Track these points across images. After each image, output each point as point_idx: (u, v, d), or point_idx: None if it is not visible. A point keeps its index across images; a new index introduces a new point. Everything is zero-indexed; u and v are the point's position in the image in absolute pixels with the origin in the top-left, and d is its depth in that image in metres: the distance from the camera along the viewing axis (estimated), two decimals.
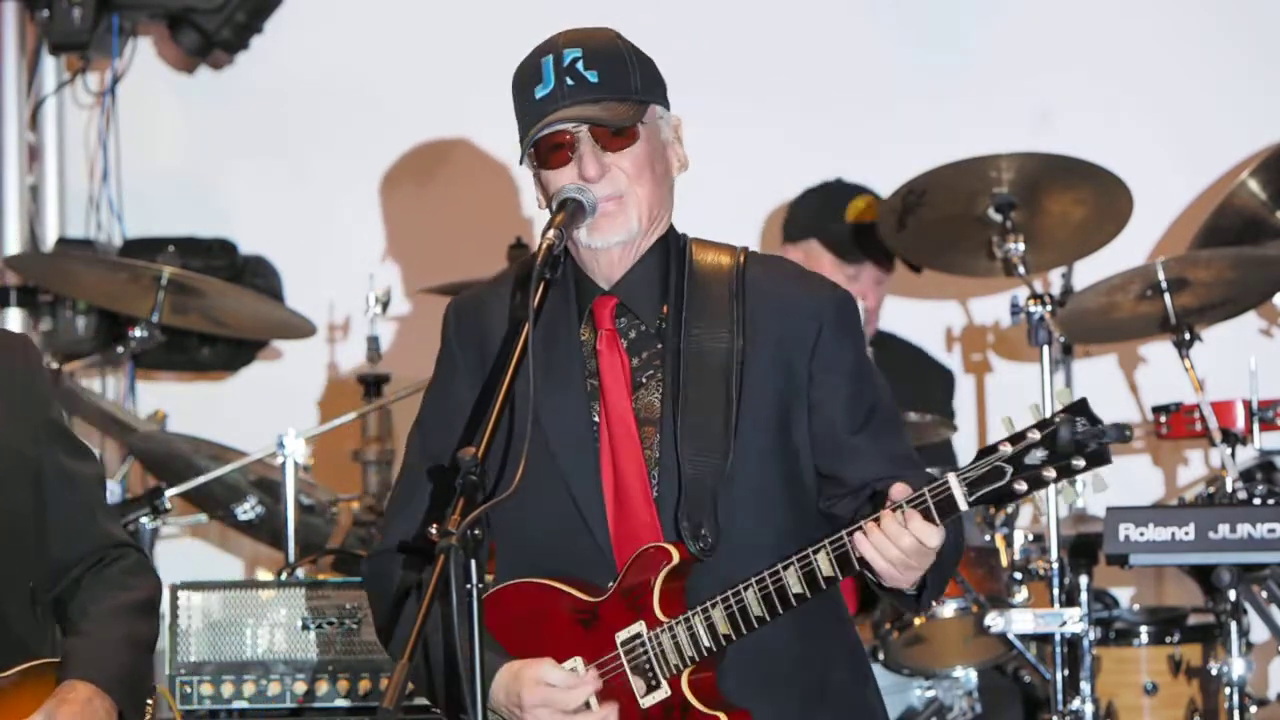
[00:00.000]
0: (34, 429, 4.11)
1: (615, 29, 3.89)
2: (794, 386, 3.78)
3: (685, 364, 3.79)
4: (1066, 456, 3.46)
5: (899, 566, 3.57)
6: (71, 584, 4.14)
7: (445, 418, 3.90)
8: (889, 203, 6.21)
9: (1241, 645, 5.47)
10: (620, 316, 3.85)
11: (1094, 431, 3.44)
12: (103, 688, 3.96)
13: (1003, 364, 7.21)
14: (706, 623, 3.67)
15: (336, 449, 6.60)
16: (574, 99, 3.76)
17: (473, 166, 7.22)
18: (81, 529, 4.15)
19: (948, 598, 5.70)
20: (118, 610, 4.09)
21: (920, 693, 6.00)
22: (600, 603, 3.74)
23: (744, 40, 7.22)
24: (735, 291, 3.82)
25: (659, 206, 3.84)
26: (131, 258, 7.05)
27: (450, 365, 3.94)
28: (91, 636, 4.05)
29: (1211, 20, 7.11)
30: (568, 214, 3.75)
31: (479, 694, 3.46)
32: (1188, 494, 6.42)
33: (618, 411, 3.80)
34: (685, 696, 3.69)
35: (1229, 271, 5.88)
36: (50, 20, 7.19)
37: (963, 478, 3.51)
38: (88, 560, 4.15)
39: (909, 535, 3.54)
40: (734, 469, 3.74)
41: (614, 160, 3.78)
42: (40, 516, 4.10)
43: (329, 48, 7.42)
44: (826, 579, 3.62)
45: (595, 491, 3.77)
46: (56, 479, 4.12)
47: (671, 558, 3.70)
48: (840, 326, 3.82)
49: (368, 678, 5.02)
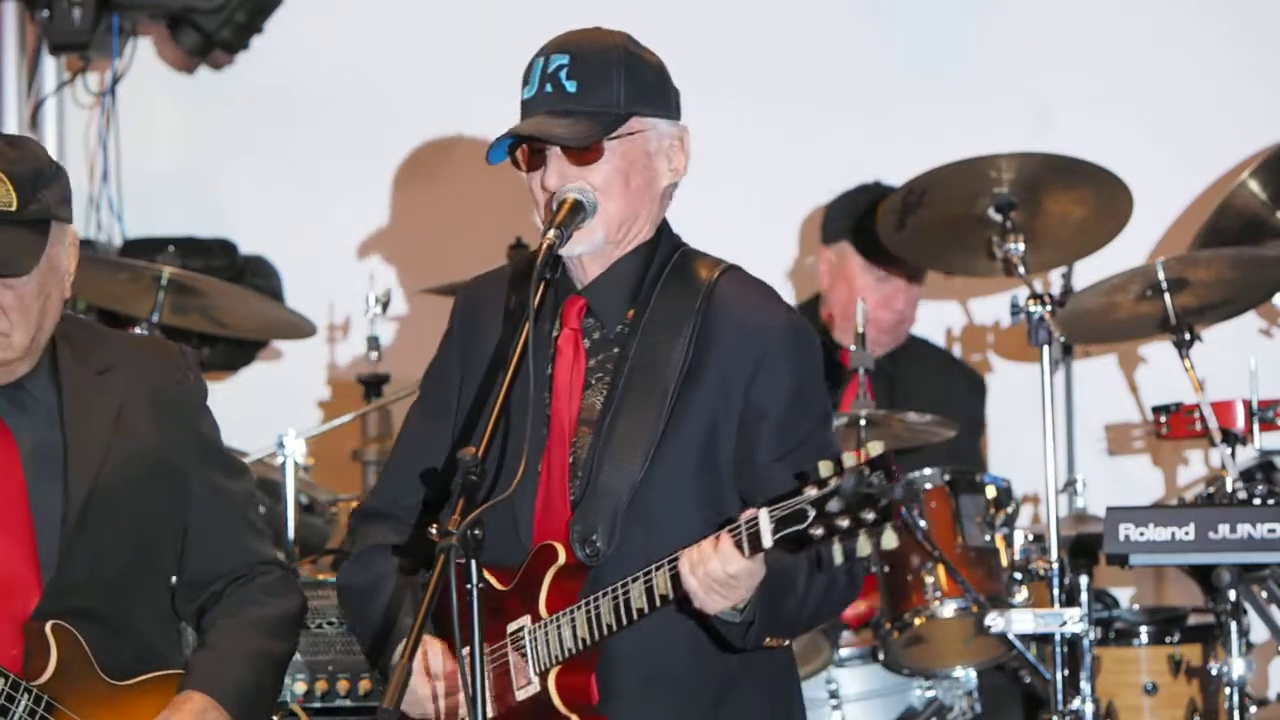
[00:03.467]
0: (184, 443, 4.13)
1: (626, 32, 3.88)
2: (728, 408, 3.77)
3: (632, 370, 3.81)
4: (857, 510, 3.40)
5: (703, 589, 3.56)
6: (212, 597, 4.17)
7: (437, 394, 3.97)
8: (889, 203, 6.22)
9: (1241, 645, 5.47)
10: (587, 317, 3.88)
11: (884, 487, 3.38)
12: (218, 700, 4.00)
13: (1003, 364, 7.22)
14: (570, 625, 3.70)
15: (336, 449, 6.60)
16: (548, 108, 3.78)
17: (473, 167, 7.15)
18: (226, 544, 4.17)
19: (948, 598, 5.71)
20: (248, 624, 4.12)
21: (920, 693, 6.01)
22: (505, 593, 3.79)
23: (743, 40, 7.23)
24: (699, 306, 3.83)
25: (631, 220, 3.84)
26: (131, 258, 7.05)
27: (446, 347, 4.01)
28: (216, 649, 4.09)
29: (1211, 20, 7.11)
30: (568, 213, 3.76)
31: (479, 694, 3.48)
32: (1188, 494, 6.43)
33: (559, 410, 3.83)
34: (550, 693, 3.71)
35: (1229, 271, 5.88)
36: (50, 20, 7.19)
37: (772, 514, 3.48)
38: (229, 576, 4.17)
39: (716, 559, 3.52)
40: (650, 480, 3.74)
41: (581, 173, 3.80)
42: (183, 529, 4.13)
43: (329, 48, 7.42)
44: (661, 597, 3.61)
45: (530, 485, 3.80)
46: (204, 493, 4.14)
47: (557, 558, 3.73)
48: (785, 354, 3.79)
49: (368, 678, 5.02)
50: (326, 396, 7.37)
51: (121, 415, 4.07)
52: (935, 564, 5.74)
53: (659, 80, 3.87)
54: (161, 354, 4.22)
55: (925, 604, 5.74)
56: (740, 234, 3.96)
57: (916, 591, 5.76)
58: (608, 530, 3.73)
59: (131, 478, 4.05)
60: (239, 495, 4.23)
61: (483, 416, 3.78)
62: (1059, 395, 6.65)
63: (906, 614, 5.76)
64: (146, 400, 4.11)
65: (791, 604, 3.68)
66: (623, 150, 3.81)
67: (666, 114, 3.87)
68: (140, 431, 4.08)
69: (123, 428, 4.06)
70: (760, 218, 7.21)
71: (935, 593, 5.73)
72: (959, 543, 5.81)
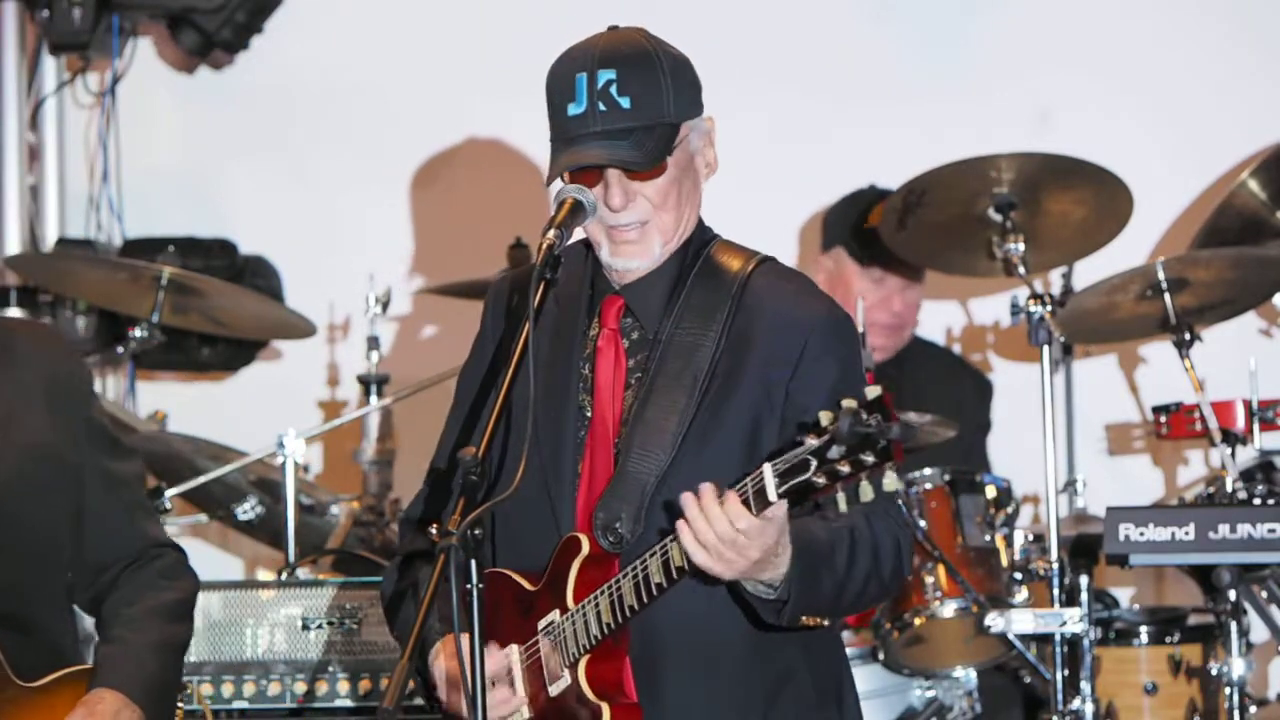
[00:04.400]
0: (75, 432, 4.07)
1: (642, 28, 3.86)
2: (770, 403, 3.75)
3: (663, 359, 3.79)
4: (856, 451, 3.36)
5: (713, 554, 3.50)
6: (107, 584, 4.12)
7: (470, 396, 3.95)
8: (889, 203, 6.22)
9: (1241, 645, 5.47)
10: (625, 317, 3.86)
11: (882, 427, 3.34)
12: (131, 697, 3.96)
13: (1003, 364, 7.22)
14: (595, 611, 3.67)
15: (336, 449, 6.60)
16: (604, 125, 3.74)
17: (473, 167, 7.22)
18: (120, 530, 4.12)
19: (948, 598, 5.71)
20: (149, 613, 4.07)
21: (920, 693, 6.00)
22: (535, 591, 3.77)
23: (743, 40, 7.22)
24: (734, 295, 3.81)
25: (682, 224, 3.85)
26: (131, 258, 7.05)
27: (479, 346, 3.99)
28: (121, 642, 4.04)
29: (1211, 20, 7.11)
30: (568, 212, 3.75)
31: (479, 694, 3.48)
32: (1188, 494, 6.43)
33: (601, 411, 3.81)
34: (580, 683, 3.69)
35: (1229, 271, 5.88)
36: (50, 20, 7.19)
37: (775, 468, 3.44)
38: (125, 560, 4.12)
39: (723, 518, 3.47)
40: (678, 468, 3.71)
41: (639, 189, 3.79)
42: (78, 520, 4.08)
43: (329, 48, 7.42)
44: (678, 568, 3.57)
45: (570, 487, 3.78)
46: (97, 480, 4.09)
47: (581, 548, 3.71)
48: (826, 346, 3.77)
49: (368, 678, 5.02)
50: (326, 396, 7.37)
51: (12, 417, 4.00)
52: (935, 564, 5.74)
53: (693, 77, 3.86)
54: (48, 341, 4.15)
55: (925, 604, 5.74)
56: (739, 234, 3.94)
57: (916, 591, 5.76)
58: (632, 517, 3.70)
59: (27, 477, 3.99)
60: (131, 478, 4.16)
61: (514, 414, 3.75)
62: (1059, 395, 6.65)
63: (906, 614, 5.76)
64: (38, 394, 4.04)
65: (828, 583, 3.63)
66: (675, 159, 3.80)
67: (701, 109, 3.87)
68: (32, 428, 4.02)
69: (14, 429, 4.00)
70: (759, 218, 7.19)
71: (935, 593, 5.73)
72: (959, 543, 5.81)
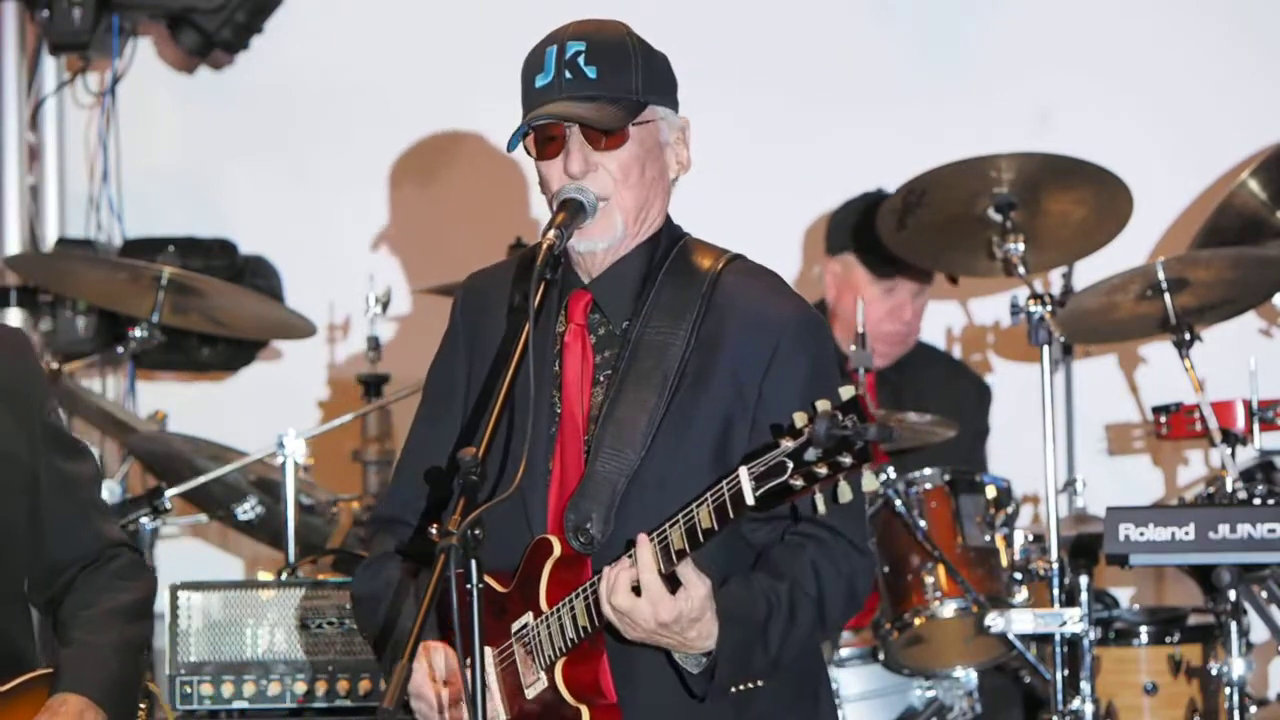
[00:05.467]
0: (30, 432, 4.05)
1: (627, 24, 3.88)
2: (741, 403, 3.73)
3: (632, 359, 3.78)
4: (833, 453, 3.34)
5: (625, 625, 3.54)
6: (64, 586, 4.11)
7: (441, 394, 3.94)
8: (889, 203, 6.21)
9: (1241, 645, 5.47)
10: (593, 313, 3.85)
11: (859, 429, 3.31)
12: (94, 699, 3.95)
13: (1003, 364, 7.22)
14: (570, 614, 3.66)
15: (336, 449, 6.60)
16: (569, 93, 3.75)
17: (473, 166, 7.23)
18: (76, 531, 4.11)
19: (948, 598, 5.71)
20: (108, 615, 4.06)
21: (920, 693, 6.00)
22: (506, 594, 3.76)
23: (742, 41, 7.23)
24: (704, 293, 3.80)
25: (647, 209, 3.83)
26: (131, 258, 7.05)
27: (449, 343, 3.97)
28: (82, 645, 4.02)
29: (1211, 20, 7.11)
30: (568, 214, 3.75)
31: (479, 694, 3.47)
32: (1188, 494, 6.43)
33: (570, 407, 3.80)
34: (557, 686, 3.68)
35: (1229, 271, 5.88)
36: (50, 20, 7.19)
37: (751, 471, 3.42)
38: (81, 561, 4.11)
39: (649, 571, 3.49)
40: (649, 468, 3.70)
41: (601, 160, 3.77)
42: (36, 523, 4.06)
43: (329, 48, 7.42)
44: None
45: (541, 484, 3.77)
46: (53, 483, 4.07)
47: (553, 550, 3.70)
48: (797, 346, 3.74)
49: (368, 678, 5.02)
50: (326, 396, 7.37)
51: None
52: (935, 564, 5.74)
53: (668, 71, 3.87)
54: (6, 343, 4.13)
55: (925, 604, 5.74)
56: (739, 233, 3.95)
57: (916, 591, 5.76)
58: (602, 518, 3.69)
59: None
60: (86, 479, 4.15)
61: (485, 415, 3.75)
62: (1059, 395, 6.66)
63: (906, 614, 5.76)
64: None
65: (760, 656, 3.62)
66: (640, 138, 3.79)
67: (674, 106, 3.87)
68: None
69: None
70: (759, 218, 7.20)
71: (935, 593, 5.74)
72: (959, 543, 5.81)
